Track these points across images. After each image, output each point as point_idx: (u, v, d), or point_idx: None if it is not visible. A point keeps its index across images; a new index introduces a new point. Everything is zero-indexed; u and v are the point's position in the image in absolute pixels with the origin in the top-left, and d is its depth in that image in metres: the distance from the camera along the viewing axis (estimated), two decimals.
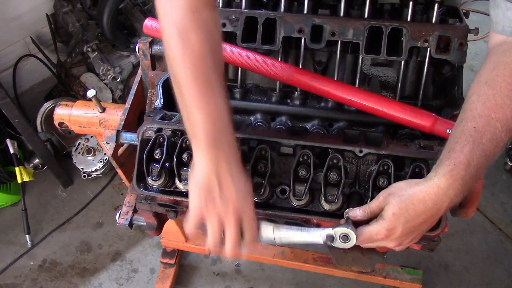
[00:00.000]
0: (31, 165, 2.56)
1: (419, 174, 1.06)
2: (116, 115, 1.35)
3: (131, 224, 1.43)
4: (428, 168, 1.05)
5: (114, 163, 1.35)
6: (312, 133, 1.15)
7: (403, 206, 0.92)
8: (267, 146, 1.09)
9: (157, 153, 1.11)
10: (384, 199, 0.97)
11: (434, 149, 1.08)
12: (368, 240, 0.98)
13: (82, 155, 2.60)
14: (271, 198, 1.14)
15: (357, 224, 0.99)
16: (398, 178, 1.06)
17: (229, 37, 1.37)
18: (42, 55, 2.82)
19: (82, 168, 2.59)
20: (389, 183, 1.05)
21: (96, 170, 2.60)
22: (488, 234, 2.45)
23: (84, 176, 2.66)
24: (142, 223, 1.42)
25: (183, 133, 1.13)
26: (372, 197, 1.03)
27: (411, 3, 1.29)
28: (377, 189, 1.05)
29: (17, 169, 2.40)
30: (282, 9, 1.35)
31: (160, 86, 1.24)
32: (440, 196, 0.90)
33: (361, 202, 1.09)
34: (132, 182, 1.16)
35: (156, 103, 1.24)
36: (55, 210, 2.62)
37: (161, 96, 1.24)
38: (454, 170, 0.89)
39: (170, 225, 1.95)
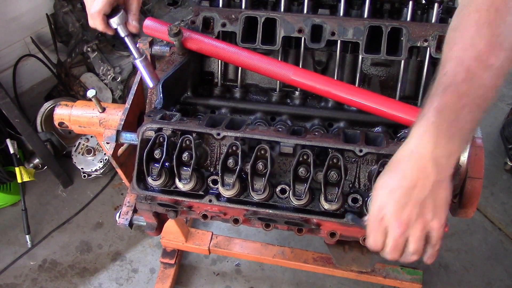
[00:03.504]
0: (31, 165, 2.56)
1: None
2: (116, 115, 1.35)
3: (131, 224, 1.43)
4: None
5: (114, 163, 1.35)
6: (312, 132, 1.15)
7: (383, 178, 0.86)
8: (267, 145, 1.09)
9: (157, 153, 1.11)
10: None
11: None
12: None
13: (82, 155, 2.60)
14: (271, 197, 1.14)
15: None
16: None
17: (229, 37, 1.37)
18: (42, 55, 2.81)
19: (82, 168, 2.59)
20: None
21: (96, 170, 2.60)
22: (488, 234, 2.45)
23: (84, 176, 2.66)
24: (142, 223, 1.41)
25: (183, 132, 1.14)
26: None
27: (410, 2, 1.29)
28: None
29: (17, 169, 2.40)
30: (282, 9, 1.35)
31: (160, 86, 1.24)
32: (414, 150, 0.81)
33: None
34: (132, 182, 1.15)
35: (156, 103, 1.24)
36: (55, 210, 2.61)
37: (161, 96, 1.24)
38: (422, 120, 0.81)
39: (170, 225, 1.95)
